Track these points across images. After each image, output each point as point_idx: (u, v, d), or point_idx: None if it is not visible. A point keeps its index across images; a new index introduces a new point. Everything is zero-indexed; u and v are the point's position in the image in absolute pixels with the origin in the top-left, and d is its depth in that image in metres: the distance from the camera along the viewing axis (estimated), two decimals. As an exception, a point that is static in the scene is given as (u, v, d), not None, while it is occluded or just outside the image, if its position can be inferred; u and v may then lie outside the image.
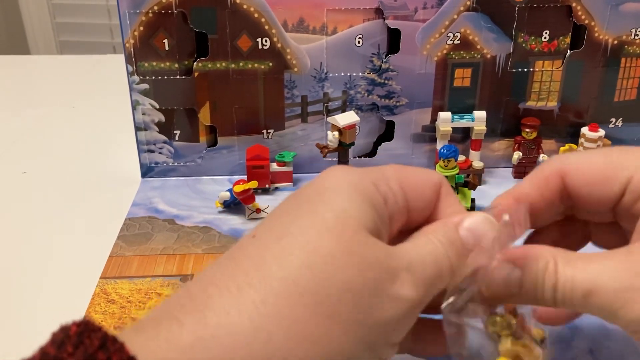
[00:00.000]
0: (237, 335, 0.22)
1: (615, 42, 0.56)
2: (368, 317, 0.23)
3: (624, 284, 0.25)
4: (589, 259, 0.26)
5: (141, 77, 0.55)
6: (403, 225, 0.28)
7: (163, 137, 0.58)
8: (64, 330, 0.22)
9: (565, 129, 0.59)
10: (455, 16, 0.54)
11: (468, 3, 0.54)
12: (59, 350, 0.21)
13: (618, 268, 0.25)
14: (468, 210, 0.46)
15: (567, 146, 0.58)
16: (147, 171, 0.59)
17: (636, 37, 0.56)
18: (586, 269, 0.26)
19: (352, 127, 0.55)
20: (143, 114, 0.56)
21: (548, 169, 0.30)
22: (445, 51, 0.56)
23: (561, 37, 0.56)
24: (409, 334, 0.26)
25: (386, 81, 0.57)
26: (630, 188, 0.28)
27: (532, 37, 0.55)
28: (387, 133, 0.60)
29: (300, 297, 0.23)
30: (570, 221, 0.32)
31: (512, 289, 0.27)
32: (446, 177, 0.52)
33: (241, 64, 0.55)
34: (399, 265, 0.25)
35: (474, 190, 0.53)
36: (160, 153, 0.58)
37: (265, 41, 0.54)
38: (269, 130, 0.58)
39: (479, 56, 0.56)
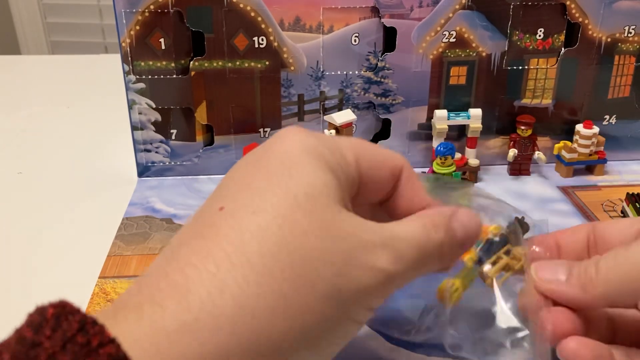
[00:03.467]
0: (220, 317, 0.22)
1: (609, 39, 0.57)
2: (345, 286, 0.24)
3: None
4: None
5: (137, 77, 0.55)
6: (356, 198, 0.29)
7: (159, 137, 0.58)
8: (40, 312, 0.21)
9: (560, 126, 0.60)
10: (451, 14, 0.55)
11: (463, 1, 0.54)
12: (37, 333, 0.20)
13: None
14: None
15: (561, 143, 0.58)
16: (143, 171, 0.59)
17: (629, 35, 0.57)
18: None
19: (348, 125, 0.55)
20: (139, 113, 0.56)
21: (582, 232, 0.32)
22: (440, 49, 0.56)
23: (555, 35, 0.56)
24: None
25: (382, 79, 0.57)
26: None
27: (527, 35, 0.56)
28: (383, 131, 0.60)
29: (281, 272, 0.23)
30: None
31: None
32: (443, 174, 0.53)
33: (237, 63, 0.55)
34: (375, 239, 0.26)
35: (471, 187, 0.53)
36: (156, 152, 0.58)
37: (262, 40, 0.55)
38: (265, 129, 0.58)
39: (474, 54, 0.56)
